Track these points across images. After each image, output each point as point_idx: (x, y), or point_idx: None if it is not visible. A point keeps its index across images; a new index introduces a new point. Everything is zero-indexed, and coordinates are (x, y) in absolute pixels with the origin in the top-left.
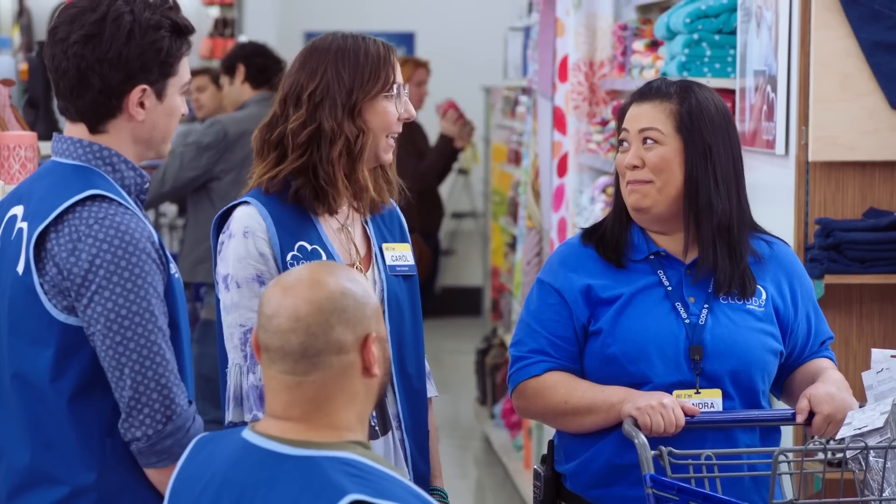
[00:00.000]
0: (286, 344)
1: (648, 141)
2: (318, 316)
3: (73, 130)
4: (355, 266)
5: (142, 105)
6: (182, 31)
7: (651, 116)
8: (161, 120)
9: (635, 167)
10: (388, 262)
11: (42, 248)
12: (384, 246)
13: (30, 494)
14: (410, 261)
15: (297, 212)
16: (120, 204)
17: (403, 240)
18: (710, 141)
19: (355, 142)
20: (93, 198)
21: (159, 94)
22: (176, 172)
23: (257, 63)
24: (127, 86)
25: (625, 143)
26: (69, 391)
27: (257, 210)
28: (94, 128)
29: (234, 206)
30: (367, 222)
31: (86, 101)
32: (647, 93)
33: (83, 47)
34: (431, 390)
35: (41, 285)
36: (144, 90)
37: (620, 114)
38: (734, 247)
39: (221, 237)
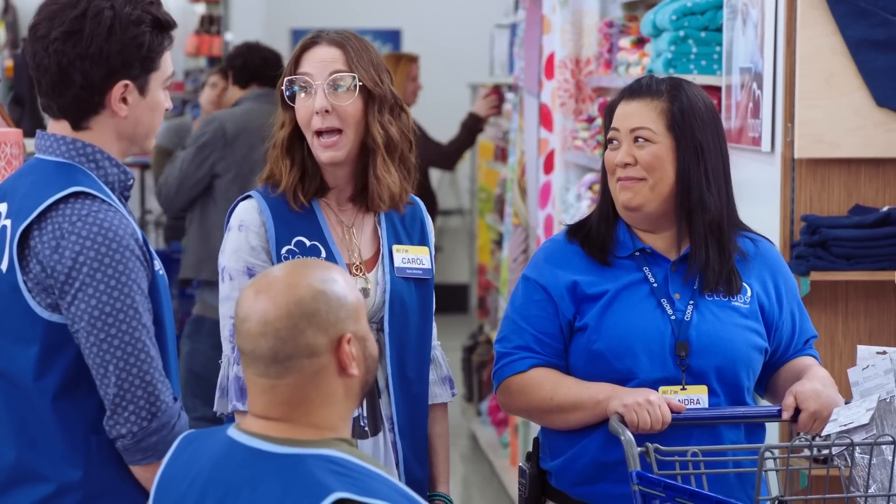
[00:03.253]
0: (257, 348)
1: (640, 139)
2: (286, 321)
3: (56, 127)
4: (354, 266)
5: (124, 101)
6: (163, 25)
7: (642, 115)
8: (144, 115)
9: (627, 164)
10: (398, 264)
11: (26, 245)
12: (395, 247)
13: (15, 492)
14: (426, 264)
15: (303, 207)
16: (103, 201)
17: (423, 243)
18: (701, 138)
19: (275, 136)
20: (76, 195)
21: (142, 90)
22: (179, 177)
23: (237, 65)
24: (108, 82)
25: (615, 142)
26: (54, 389)
27: (257, 203)
28: (77, 124)
29: (242, 200)
30: (379, 223)
31: (67, 97)
32: (636, 90)
33: (64, 44)
34: (445, 395)
35: (25, 283)
36: (126, 86)
37: (608, 111)
38: (724, 245)
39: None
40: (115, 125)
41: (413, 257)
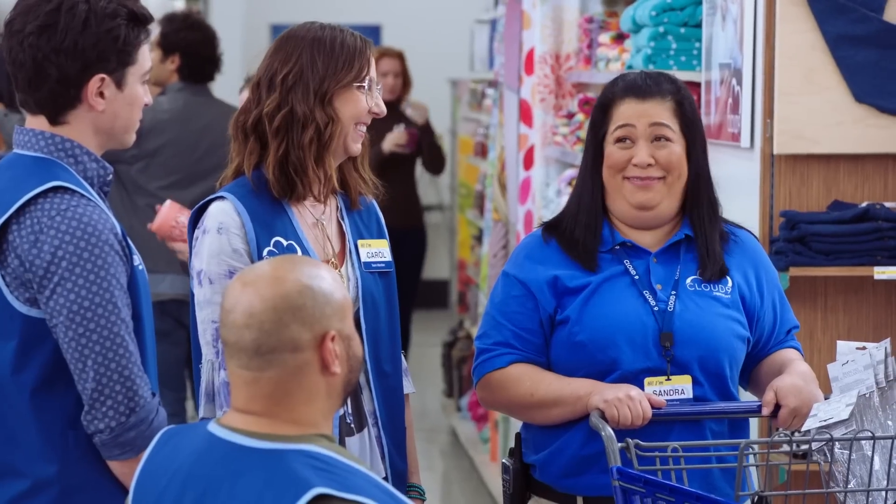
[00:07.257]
0: (240, 340)
1: (661, 139)
2: (271, 314)
3: (34, 122)
4: (330, 262)
5: (101, 95)
6: (140, 19)
7: (659, 114)
8: (122, 109)
9: (649, 165)
10: (364, 258)
11: (4, 240)
12: (360, 242)
13: None
14: (387, 257)
15: (271, 206)
16: (82, 196)
17: (381, 236)
18: (703, 136)
19: (325, 129)
20: (55, 189)
21: (119, 84)
22: None
23: (193, 65)
24: (84, 75)
25: (627, 140)
26: (31, 384)
27: (233, 205)
28: (55, 119)
29: (211, 202)
30: (342, 218)
31: (44, 92)
32: (646, 90)
33: (38, 38)
34: (408, 387)
35: (3, 277)
36: (103, 79)
37: (602, 108)
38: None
39: (196, 232)
40: (93, 119)
41: (375, 251)
